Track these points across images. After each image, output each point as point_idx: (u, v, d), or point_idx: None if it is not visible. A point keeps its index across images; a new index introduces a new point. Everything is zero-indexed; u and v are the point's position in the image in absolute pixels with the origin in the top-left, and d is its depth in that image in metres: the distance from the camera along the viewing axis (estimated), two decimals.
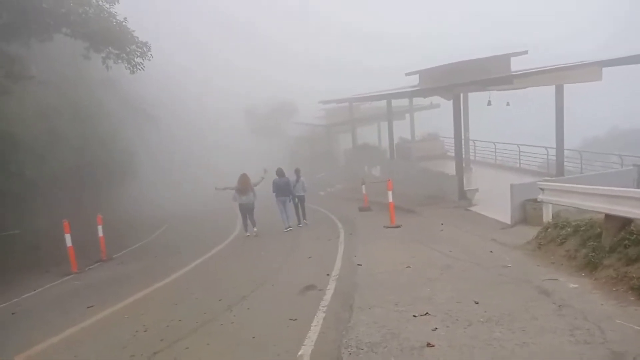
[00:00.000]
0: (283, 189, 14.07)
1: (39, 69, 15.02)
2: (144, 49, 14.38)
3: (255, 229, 14.06)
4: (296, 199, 14.54)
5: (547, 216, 9.82)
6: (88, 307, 7.56)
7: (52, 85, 17.22)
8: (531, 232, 9.18)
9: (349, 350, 4.58)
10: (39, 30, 13.08)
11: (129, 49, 14.01)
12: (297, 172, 14.67)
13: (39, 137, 15.43)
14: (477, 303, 5.61)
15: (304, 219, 14.87)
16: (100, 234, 13.25)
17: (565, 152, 16.96)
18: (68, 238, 11.63)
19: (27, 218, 14.52)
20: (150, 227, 19.88)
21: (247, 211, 13.98)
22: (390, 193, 13.18)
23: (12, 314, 8.16)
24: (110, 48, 13.86)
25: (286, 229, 14.02)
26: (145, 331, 5.93)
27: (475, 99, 19.99)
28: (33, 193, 15.07)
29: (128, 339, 5.68)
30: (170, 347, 5.25)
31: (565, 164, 16.94)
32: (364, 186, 17.16)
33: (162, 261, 12.41)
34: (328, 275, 7.79)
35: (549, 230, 8.35)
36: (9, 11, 12.31)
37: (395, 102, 24.65)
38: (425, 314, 5.38)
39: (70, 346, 5.75)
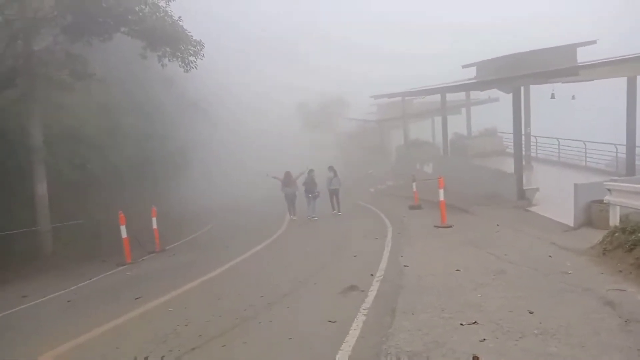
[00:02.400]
0: (310, 185, 16.77)
1: (100, 67, 15.73)
2: (198, 47, 14.68)
3: (294, 217, 17.23)
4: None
5: (615, 219, 9.03)
6: (136, 298, 7.76)
7: (113, 83, 18.02)
8: (596, 236, 8.43)
9: (388, 358, 4.33)
10: (100, 30, 13.65)
11: (182, 48, 14.35)
12: (331, 169, 17.06)
13: (100, 132, 16.23)
14: (531, 313, 5.16)
15: (339, 211, 17.13)
16: (155, 226, 13.71)
17: (637, 149, 15.62)
18: (123, 229, 12.10)
19: (89, 209, 15.28)
20: (202, 220, 20.44)
21: (290, 199, 17.38)
22: (441, 191, 12.67)
23: (68, 301, 8.56)
24: (165, 47, 14.26)
25: (308, 217, 16.71)
26: (186, 325, 5.97)
27: (538, 92, 18.87)
28: (95, 185, 15.86)
29: (169, 333, 5.73)
30: (207, 343, 5.22)
31: (636, 162, 15.61)
32: (414, 183, 16.66)
33: (211, 254, 12.65)
34: (372, 275, 7.53)
35: (616, 234, 7.61)
36: (74, 12, 12.94)
37: (450, 96, 23.78)
38: (474, 323, 5.01)
39: (113, 337, 5.88)
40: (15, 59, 13.32)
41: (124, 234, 12.08)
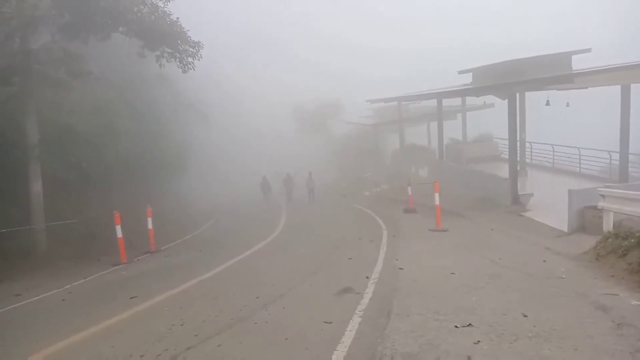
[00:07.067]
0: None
1: (97, 66, 15.66)
2: (196, 48, 14.67)
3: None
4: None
5: (608, 225, 9.11)
6: (131, 298, 7.76)
7: (109, 82, 17.96)
8: (589, 241, 8.52)
9: (383, 359, 4.36)
10: (98, 29, 13.61)
11: (181, 48, 14.34)
12: (309, 173, 24.64)
13: (96, 130, 16.11)
14: (525, 316, 5.22)
15: (313, 202, 24.56)
16: (150, 226, 13.68)
17: (630, 156, 15.77)
18: (118, 229, 12.07)
19: (83, 208, 15.19)
20: (198, 221, 20.43)
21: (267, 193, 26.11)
22: (437, 195, 12.75)
23: (62, 300, 8.53)
24: (164, 47, 14.25)
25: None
26: (181, 325, 5.97)
27: (533, 98, 19.00)
28: (89, 184, 15.77)
29: (164, 332, 5.73)
30: (203, 343, 5.23)
31: (629, 169, 15.76)
32: (409, 187, 16.72)
33: (206, 255, 12.65)
34: (367, 278, 7.57)
35: (609, 240, 7.71)
36: (71, 11, 12.91)
37: (446, 102, 23.88)
38: (468, 325, 5.05)
39: (109, 336, 5.88)
40: (13, 56, 13.27)
41: (119, 233, 12.05)
